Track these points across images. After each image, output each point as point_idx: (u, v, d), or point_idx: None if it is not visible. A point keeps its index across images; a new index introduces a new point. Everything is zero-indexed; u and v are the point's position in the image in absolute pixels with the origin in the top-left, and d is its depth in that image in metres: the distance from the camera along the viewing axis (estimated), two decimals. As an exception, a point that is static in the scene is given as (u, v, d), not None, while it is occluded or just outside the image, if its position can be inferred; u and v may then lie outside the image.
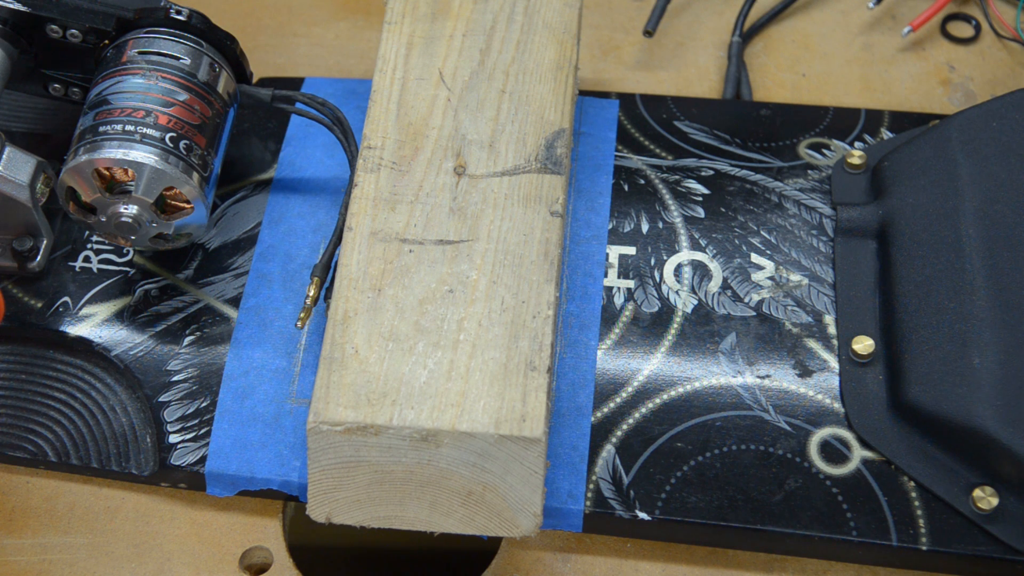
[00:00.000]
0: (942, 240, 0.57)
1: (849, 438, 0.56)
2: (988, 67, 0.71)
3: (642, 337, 0.59)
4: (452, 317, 0.52)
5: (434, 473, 0.50)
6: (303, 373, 0.58)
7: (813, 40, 0.73)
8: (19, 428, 0.59)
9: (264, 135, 0.66)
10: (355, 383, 0.50)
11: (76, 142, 0.56)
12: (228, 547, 0.57)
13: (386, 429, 0.49)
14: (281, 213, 0.63)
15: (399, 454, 0.49)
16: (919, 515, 0.54)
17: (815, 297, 0.60)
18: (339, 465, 0.50)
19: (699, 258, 0.61)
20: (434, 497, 0.50)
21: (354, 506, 0.51)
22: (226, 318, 0.60)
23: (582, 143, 0.65)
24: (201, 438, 0.57)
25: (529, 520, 0.50)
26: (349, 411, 0.49)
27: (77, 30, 0.59)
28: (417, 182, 0.56)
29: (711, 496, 0.55)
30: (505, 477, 0.50)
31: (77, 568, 0.56)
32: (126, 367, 0.59)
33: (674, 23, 0.74)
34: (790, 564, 0.56)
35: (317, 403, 0.49)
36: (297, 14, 0.75)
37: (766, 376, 0.57)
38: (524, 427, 0.49)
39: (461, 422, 0.49)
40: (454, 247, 0.54)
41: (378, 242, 0.54)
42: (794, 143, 0.65)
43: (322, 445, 0.49)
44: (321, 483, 0.50)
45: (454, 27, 0.61)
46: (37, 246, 0.61)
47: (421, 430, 0.49)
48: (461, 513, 0.51)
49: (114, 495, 0.58)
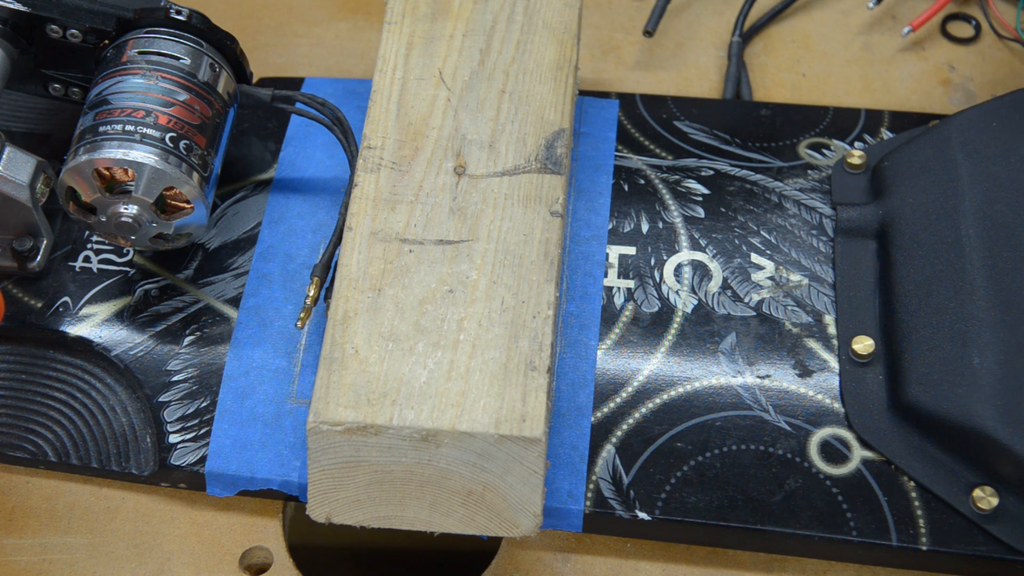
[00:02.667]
0: (942, 240, 0.57)
1: (849, 438, 0.56)
2: (988, 67, 0.71)
3: (642, 337, 0.59)
4: (452, 317, 0.52)
5: (434, 473, 0.50)
6: (303, 373, 0.58)
7: (813, 40, 0.73)
8: (19, 428, 0.59)
9: (264, 135, 0.66)
10: (355, 383, 0.50)
11: (76, 142, 0.56)
12: (228, 547, 0.57)
13: (386, 429, 0.49)
14: (281, 213, 0.63)
15: (399, 454, 0.49)
16: (919, 515, 0.54)
17: (815, 297, 0.60)
18: (339, 465, 0.50)
19: (699, 258, 0.61)
20: (434, 497, 0.50)
21: (354, 506, 0.51)
22: (226, 318, 0.60)
23: (582, 143, 0.65)
24: (201, 438, 0.57)
25: (529, 520, 0.50)
26: (349, 411, 0.49)
27: (77, 30, 0.59)
28: (417, 182, 0.56)
29: (711, 496, 0.55)
30: (505, 477, 0.50)
31: (77, 568, 0.56)
32: (126, 367, 0.59)
33: (674, 23, 0.74)
34: (790, 564, 0.56)
35: (317, 403, 0.49)
36: (297, 14, 0.75)
37: (766, 376, 0.57)
38: (524, 427, 0.49)
39: (461, 422, 0.49)
40: (454, 247, 0.54)
41: (378, 242, 0.54)
42: (794, 143, 0.65)
43: (322, 445, 0.49)
44: (321, 483, 0.50)
45: (454, 27, 0.61)
46: (37, 246, 0.61)
47: (421, 430, 0.49)
48: (461, 513, 0.51)
49: (114, 495, 0.58)
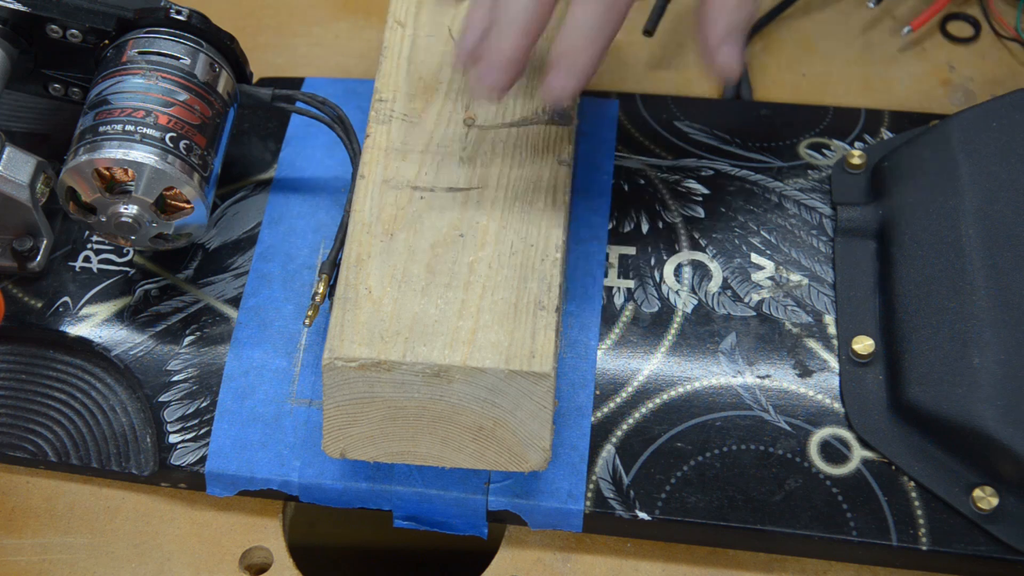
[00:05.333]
0: (942, 240, 0.57)
1: (849, 438, 0.56)
2: (988, 67, 0.71)
3: (642, 337, 0.59)
4: (463, 260, 0.53)
5: (446, 408, 0.51)
6: (303, 373, 0.58)
7: (813, 40, 0.73)
8: (19, 428, 0.59)
9: (264, 135, 0.66)
10: (368, 322, 0.51)
11: (76, 142, 0.56)
12: (228, 547, 0.57)
13: (399, 365, 0.50)
14: (281, 213, 0.63)
15: (412, 390, 0.50)
16: (919, 515, 0.54)
17: (815, 297, 0.60)
18: (353, 401, 0.51)
19: (699, 258, 0.61)
20: (446, 432, 0.52)
21: (368, 442, 0.52)
22: (226, 318, 0.60)
23: (582, 143, 0.65)
24: (201, 438, 0.57)
25: (538, 454, 0.52)
26: (363, 348, 0.50)
27: (77, 30, 0.59)
28: (428, 133, 0.57)
29: (711, 496, 0.55)
30: (515, 412, 0.51)
31: (77, 568, 0.56)
32: (126, 367, 0.59)
33: (674, 23, 0.74)
34: (790, 564, 0.56)
35: (332, 340, 0.50)
36: (297, 14, 0.75)
37: (766, 376, 0.57)
38: (534, 363, 0.50)
39: (472, 358, 0.50)
40: (464, 194, 0.55)
41: (390, 189, 0.55)
42: (794, 143, 0.65)
43: (337, 381, 0.50)
44: (336, 419, 0.51)
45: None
46: (37, 246, 0.61)
47: (433, 366, 0.50)
48: (472, 448, 0.52)
49: (114, 495, 0.58)
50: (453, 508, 0.56)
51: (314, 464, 0.56)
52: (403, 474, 0.56)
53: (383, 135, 0.57)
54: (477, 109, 0.58)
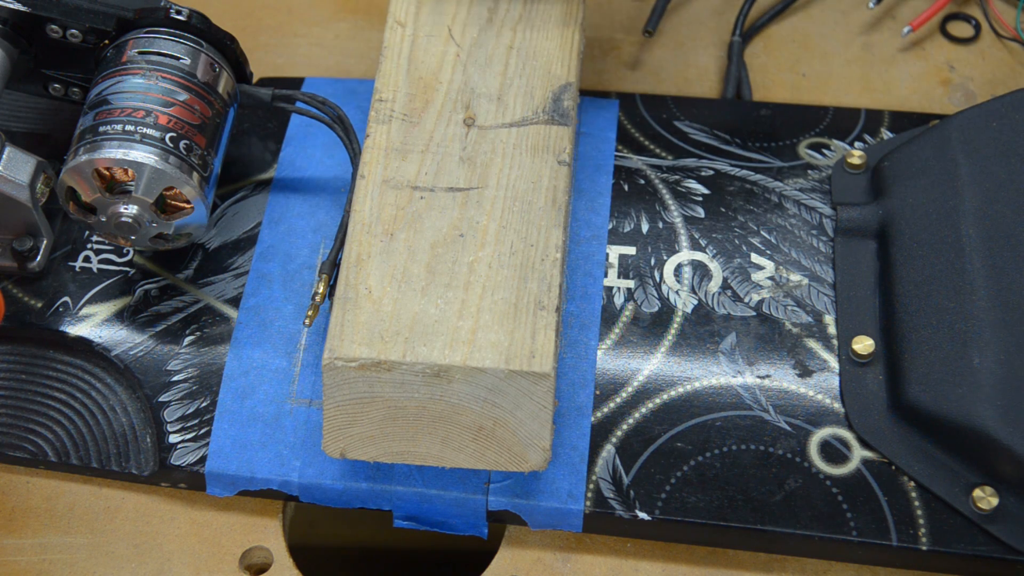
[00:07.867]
0: (942, 240, 0.57)
1: (849, 438, 0.56)
2: (988, 67, 0.71)
3: (642, 337, 0.59)
4: (463, 260, 0.53)
5: (446, 408, 0.51)
6: (303, 373, 0.58)
7: (813, 40, 0.73)
8: (19, 428, 0.59)
9: (264, 135, 0.66)
10: (369, 322, 0.51)
11: (76, 142, 0.56)
12: (228, 547, 0.57)
13: (399, 365, 0.50)
14: (281, 213, 0.63)
15: (412, 390, 0.51)
16: (919, 515, 0.54)
17: (815, 297, 0.60)
18: (353, 401, 0.51)
19: (699, 258, 0.61)
20: (446, 432, 0.52)
21: (368, 442, 0.52)
22: (226, 318, 0.60)
23: (582, 143, 0.65)
24: (201, 438, 0.57)
25: (538, 454, 0.52)
26: (363, 348, 0.50)
27: (77, 30, 0.59)
28: (428, 132, 0.57)
29: (711, 496, 0.55)
30: (515, 412, 0.51)
31: (77, 568, 0.56)
32: (126, 367, 0.59)
33: (674, 23, 0.74)
34: (790, 564, 0.56)
35: (332, 340, 0.51)
36: (297, 14, 0.75)
37: (766, 376, 0.57)
38: (533, 363, 0.50)
39: (472, 358, 0.50)
40: (464, 194, 0.55)
41: (390, 189, 0.55)
42: (794, 143, 0.65)
43: (337, 381, 0.51)
44: (336, 419, 0.52)
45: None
46: (37, 246, 0.61)
47: (433, 366, 0.50)
48: (472, 448, 0.52)
49: (114, 495, 0.58)
50: (453, 508, 0.56)
51: (314, 464, 0.56)
52: (403, 474, 0.56)
53: (383, 135, 0.57)
54: (477, 109, 0.58)
